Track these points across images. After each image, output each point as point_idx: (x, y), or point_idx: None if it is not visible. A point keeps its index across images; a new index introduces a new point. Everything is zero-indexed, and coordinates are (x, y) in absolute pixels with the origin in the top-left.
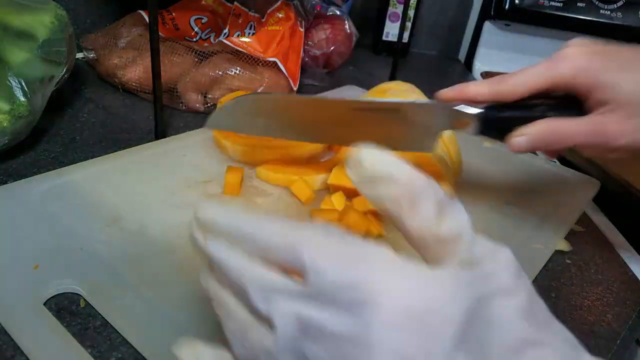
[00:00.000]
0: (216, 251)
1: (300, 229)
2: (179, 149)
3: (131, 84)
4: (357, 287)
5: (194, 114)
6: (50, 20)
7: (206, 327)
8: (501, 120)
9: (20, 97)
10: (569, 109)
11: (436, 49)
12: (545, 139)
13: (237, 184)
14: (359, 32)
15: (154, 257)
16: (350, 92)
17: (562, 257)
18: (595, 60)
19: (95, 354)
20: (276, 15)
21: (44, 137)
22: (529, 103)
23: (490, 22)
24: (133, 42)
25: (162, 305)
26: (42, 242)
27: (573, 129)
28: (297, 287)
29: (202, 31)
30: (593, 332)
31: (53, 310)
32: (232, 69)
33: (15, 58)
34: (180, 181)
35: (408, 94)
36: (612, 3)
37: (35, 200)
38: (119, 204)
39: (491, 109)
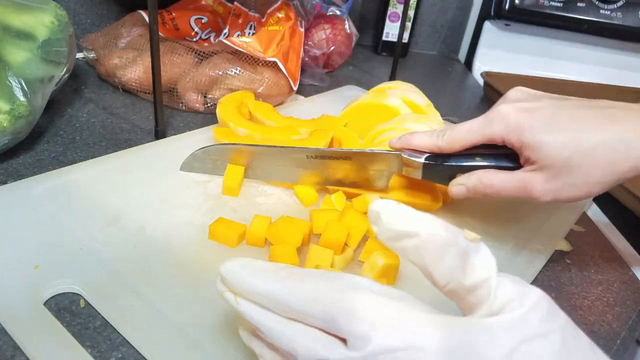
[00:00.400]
0: (250, 314)
1: (331, 292)
2: (179, 149)
3: (131, 84)
4: (401, 353)
5: (194, 114)
6: (50, 20)
7: (206, 327)
8: (443, 168)
9: (20, 97)
10: (507, 161)
11: (436, 49)
12: (478, 190)
13: (235, 185)
14: (359, 32)
15: (154, 257)
16: (350, 92)
17: (562, 257)
18: (524, 120)
19: (95, 354)
20: (276, 15)
21: (44, 137)
22: (470, 153)
23: (490, 22)
24: (133, 42)
25: (162, 305)
26: (42, 242)
27: (503, 184)
28: (343, 354)
29: (202, 31)
30: (593, 332)
31: (53, 310)
32: (232, 69)
33: (15, 58)
34: (180, 181)
35: (408, 93)
36: (612, 3)
37: (35, 200)
38: (119, 204)
39: (435, 158)
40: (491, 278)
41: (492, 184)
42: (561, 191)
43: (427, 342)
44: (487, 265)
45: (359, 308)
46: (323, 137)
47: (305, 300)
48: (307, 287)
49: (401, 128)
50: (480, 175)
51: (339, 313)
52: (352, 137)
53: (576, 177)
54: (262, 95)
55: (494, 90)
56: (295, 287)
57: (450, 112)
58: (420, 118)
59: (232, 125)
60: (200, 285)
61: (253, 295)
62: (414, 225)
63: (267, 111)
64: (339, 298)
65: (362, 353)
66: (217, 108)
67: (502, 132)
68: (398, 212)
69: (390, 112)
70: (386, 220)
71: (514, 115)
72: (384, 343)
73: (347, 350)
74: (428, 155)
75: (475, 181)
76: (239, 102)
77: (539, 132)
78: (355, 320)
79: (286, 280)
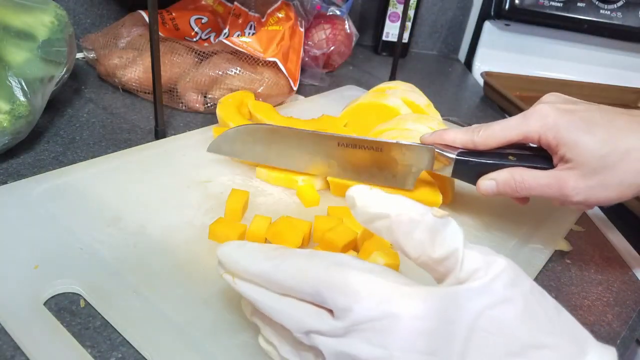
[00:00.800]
0: (247, 292)
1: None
2: (179, 149)
3: (131, 84)
4: (380, 321)
5: (194, 114)
6: (50, 20)
7: (206, 327)
8: (475, 165)
9: (20, 97)
10: (540, 161)
11: (436, 49)
12: (510, 185)
13: (238, 210)
14: (359, 32)
15: (154, 257)
16: (350, 92)
17: (562, 257)
18: (563, 119)
19: (95, 354)
20: (276, 15)
21: (44, 137)
22: (503, 152)
23: (490, 22)
24: (133, 42)
25: (162, 305)
26: (42, 242)
27: (536, 180)
28: (330, 324)
29: (202, 31)
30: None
31: (53, 310)
32: (232, 69)
33: (15, 58)
34: (180, 181)
35: (408, 93)
36: (612, 3)
37: (35, 200)
38: (119, 204)
39: (468, 154)
40: (458, 250)
41: (523, 180)
42: (594, 191)
43: (403, 310)
44: (454, 238)
45: (342, 282)
46: None
47: (295, 277)
48: (295, 265)
49: (401, 128)
50: (513, 171)
51: (325, 287)
52: None
53: (610, 178)
54: (262, 95)
55: (494, 90)
56: (284, 265)
57: (450, 112)
58: (420, 118)
59: (232, 125)
60: (200, 285)
61: (248, 275)
62: (385, 207)
63: (267, 111)
64: (325, 274)
65: (346, 323)
66: (217, 108)
67: (540, 129)
68: (371, 196)
69: (390, 112)
70: (360, 204)
71: (552, 113)
72: (365, 313)
73: (334, 320)
74: (461, 151)
75: (507, 176)
76: (239, 102)
77: (576, 130)
78: (339, 293)
79: (276, 260)
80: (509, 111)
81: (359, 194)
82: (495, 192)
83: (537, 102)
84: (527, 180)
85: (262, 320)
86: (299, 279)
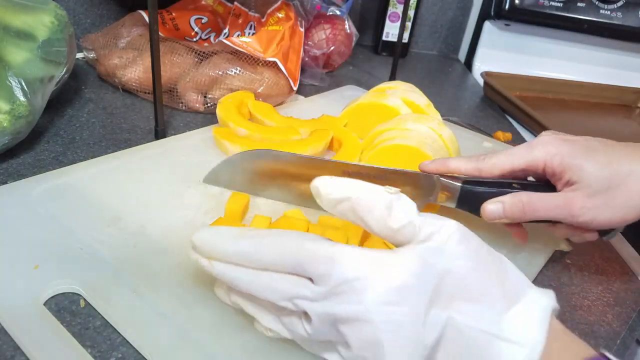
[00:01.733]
0: (226, 273)
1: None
2: (179, 149)
3: (131, 84)
4: (355, 282)
5: (194, 114)
6: (50, 20)
7: (206, 327)
8: (481, 193)
9: (20, 97)
10: (543, 189)
11: (436, 49)
12: (517, 207)
13: (238, 211)
14: (359, 32)
15: (154, 257)
16: (350, 92)
17: (562, 257)
18: (566, 147)
19: (95, 354)
20: (276, 15)
21: (44, 137)
22: (505, 181)
23: (490, 22)
24: (133, 42)
25: (162, 305)
26: (42, 242)
27: (543, 202)
28: (312, 290)
29: (202, 31)
30: (593, 332)
31: (53, 310)
32: (232, 69)
33: (15, 58)
34: (180, 181)
35: (408, 93)
36: (612, 3)
37: (35, 200)
38: (119, 204)
39: (471, 184)
40: (413, 219)
41: (531, 201)
42: (600, 210)
43: (375, 270)
44: (408, 209)
45: (320, 252)
46: (323, 137)
47: (274, 251)
48: (275, 241)
49: (401, 128)
50: (520, 194)
51: (305, 258)
52: (352, 137)
53: (614, 198)
54: (262, 95)
55: (494, 90)
56: (264, 242)
57: (450, 112)
58: (420, 118)
59: (232, 125)
60: (200, 285)
61: (227, 256)
62: (346, 191)
63: (267, 111)
64: (303, 246)
65: (327, 287)
66: (217, 108)
67: (545, 156)
68: (332, 183)
69: (390, 112)
70: (324, 191)
71: (555, 142)
72: (342, 277)
73: (315, 286)
74: (465, 180)
75: (514, 199)
76: (239, 102)
77: (580, 155)
78: (318, 262)
79: (254, 239)
80: (509, 111)
81: (322, 182)
82: (502, 215)
83: (537, 136)
84: (534, 202)
85: (242, 298)
86: (280, 252)
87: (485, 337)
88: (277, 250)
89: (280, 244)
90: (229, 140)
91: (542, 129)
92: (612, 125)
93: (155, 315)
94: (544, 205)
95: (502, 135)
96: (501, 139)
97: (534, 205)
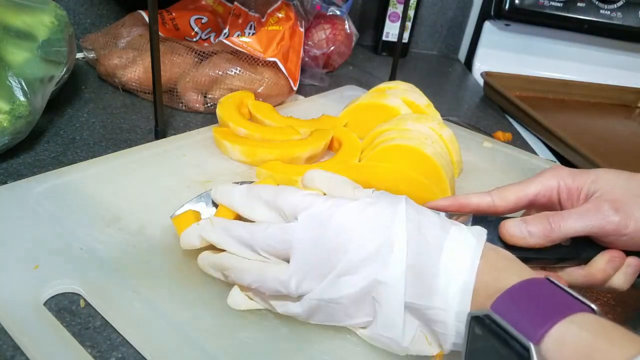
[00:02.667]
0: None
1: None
2: (179, 149)
3: (131, 84)
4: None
5: (194, 114)
6: (50, 20)
7: (206, 327)
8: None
9: (20, 97)
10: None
11: (436, 49)
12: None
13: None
14: (359, 32)
15: (154, 257)
16: (350, 92)
17: None
18: (576, 171)
19: (95, 354)
20: (276, 15)
21: (44, 137)
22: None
23: (490, 22)
24: (133, 42)
25: (162, 305)
26: (42, 242)
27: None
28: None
29: (202, 31)
30: None
31: (53, 310)
32: (232, 69)
33: (15, 58)
34: (180, 181)
35: (408, 93)
36: (612, 3)
37: (35, 200)
38: (119, 204)
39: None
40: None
41: (557, 214)
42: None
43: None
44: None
45: (290, 196)
46: (323, 137)
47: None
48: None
49: (401, 128)
50: (547, 214)
51: (281, 201)
52: (352, 137)
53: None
54: (262, 95)
55: (494, 90)
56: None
57: (450, 112)
58: (420, 118)
59: (232, 125)
60: (200, 285)
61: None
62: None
63: (267, 111)
64: (279, 194)
65: (301, 216)
66: (217, 108)
67: (558, 177)
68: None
69: (390, 112)
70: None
71: (564, 168)
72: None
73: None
74: (474, 217)
75: (536, 215)
76: (239, 102)
77: (593, 172)
78: (288, 200)
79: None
80: (509, 111)
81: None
82: (525, 232)
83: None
84: (560, 213)
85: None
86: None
87: None
88: (261, 202)
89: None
90: (229, 141)
91: (542, 129)
92: (612, 125)
93: (155, 315)
94: (571, 213)
95: (502, 135)
96: (501, 138)
97: (560, 216)
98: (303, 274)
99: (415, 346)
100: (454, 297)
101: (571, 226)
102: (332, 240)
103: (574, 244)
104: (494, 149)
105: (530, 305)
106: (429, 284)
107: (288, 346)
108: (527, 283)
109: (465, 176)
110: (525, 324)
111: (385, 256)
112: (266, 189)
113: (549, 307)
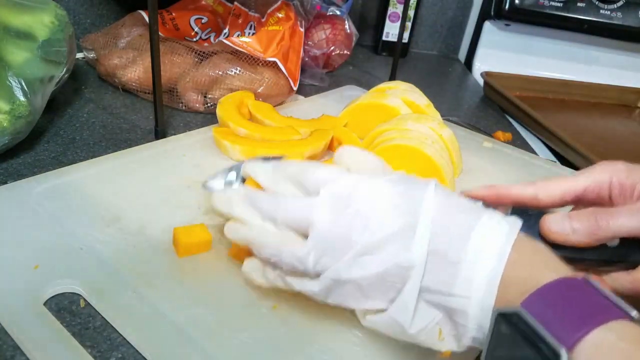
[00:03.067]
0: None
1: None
2: (179, 149)
3: (131, 84)
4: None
5: (194, 114)
6: (50, 20)
7: (206, 327)
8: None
9: (20, 97)
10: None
11: (436, 49)
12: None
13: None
14: (359, 32)
15: (154, 257)
16: (350, 92)
17: None
18: (630, 165)
19: (95, 354)
20: (276, 15)
21: (44, 137)
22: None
23: (490, 22)
24: (133, 42)
25: (162, 305)
26: (42, 242)
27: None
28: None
29: (202, 31)
30: None
31: (53, 310)
32: (232, 69)
33: (15, 58)
34: (180, 181)
35: (408, 93)
36: (612, 3)
37: (35, 200)
38: (119, 204)
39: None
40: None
41: (603, 209)
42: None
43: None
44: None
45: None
46: (323, 137)
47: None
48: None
49: (401, 128)
50: (594, 210)
51: (305, 176)
52: (352, 137)
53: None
54: (262, 95)
55: (494, 90)
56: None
57: (450, 112)
58: (420, 118)
59: (232, 125)
60: (200, 286)
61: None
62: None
63: (267, 111)
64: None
65: (323, 191)
66: (217, 108)
67: (611, 172)
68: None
69: (390, 112)
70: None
71: (618, 163)
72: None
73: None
74: (513, 210)
75: (581, 210)
76: (239, 102)
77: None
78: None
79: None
80: (509, 111)
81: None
82: (568, 227)
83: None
84: (608, 209)
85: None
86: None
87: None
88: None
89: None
90: (229, 140)
91: (542, 129)
92: (612, 125)
93: (155, 315)
94: (622, 211)
95: (502, 135)
96: (501, 138)
97: (609, 213)
98: (322, 250)
99: (422, 337)
100: (479, 286)
101: (621, 225)
102: (352, 217)
103: (621, 245)
104: (494, 149)
105: (565, 307)
106: (452, 270)
107: (288, 346)
108: (564, 282)
109: (465, 176)
110: (559, 326)
111: (406, 238)
112: (292, 164)
113: (586, 311)
